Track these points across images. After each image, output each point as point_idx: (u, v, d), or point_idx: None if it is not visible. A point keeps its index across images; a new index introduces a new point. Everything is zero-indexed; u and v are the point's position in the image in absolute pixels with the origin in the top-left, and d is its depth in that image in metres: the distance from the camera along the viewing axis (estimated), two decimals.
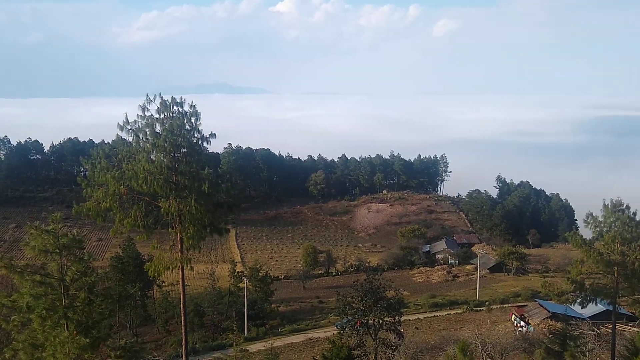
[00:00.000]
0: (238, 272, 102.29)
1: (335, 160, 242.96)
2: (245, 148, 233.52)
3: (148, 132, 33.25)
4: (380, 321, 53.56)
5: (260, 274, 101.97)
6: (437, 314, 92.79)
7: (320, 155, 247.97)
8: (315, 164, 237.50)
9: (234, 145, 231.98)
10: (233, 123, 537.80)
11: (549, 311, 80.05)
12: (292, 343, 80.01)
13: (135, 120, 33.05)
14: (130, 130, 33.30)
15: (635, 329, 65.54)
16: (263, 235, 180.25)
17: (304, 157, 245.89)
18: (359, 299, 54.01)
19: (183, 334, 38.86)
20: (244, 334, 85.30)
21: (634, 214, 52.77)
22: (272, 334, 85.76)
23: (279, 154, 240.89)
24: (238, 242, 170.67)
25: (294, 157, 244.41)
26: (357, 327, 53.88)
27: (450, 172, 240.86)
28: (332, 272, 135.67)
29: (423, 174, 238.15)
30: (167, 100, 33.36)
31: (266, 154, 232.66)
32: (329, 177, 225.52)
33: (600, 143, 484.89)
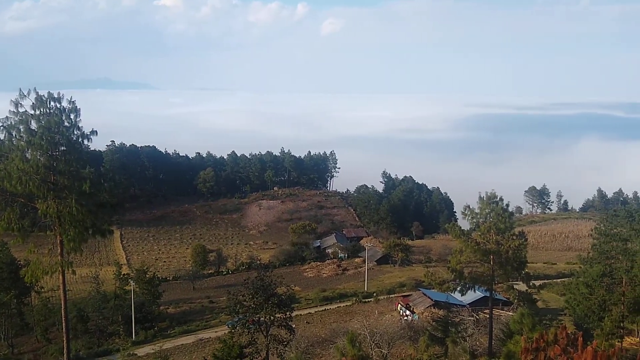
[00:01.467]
0: (124, 274, 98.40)
1: (225, 157, 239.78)
2: (130, 145, 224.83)
3: (22, 130, 31.35)
4: (272, 318, 53.78)
5: (147, 275, 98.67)
6: (327, 307, 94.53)
7: (209, 152, 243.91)
8: (204, 162, 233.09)
9: (117, 143, 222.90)
10: (117, 120, 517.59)
11: (432, 299, 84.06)
12: (182, 344, 78.42)
13: (7, 117, 30.98)
14: (2, 128, 31.19)
15: (510, 313, 70.26)
16: (150, 236, 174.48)
17: (192, 155, 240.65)
18: (250, 297, 53.86)
19: (65, 342, 37.07)
20: (132, 337, 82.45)
21: (507, 205, 56.70)
22: (161, 337, 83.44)
23: (166, 152, 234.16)
24: (123, 244, 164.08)
25: (181, 155, 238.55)
26: (248, 325, 53.78)
27: (339, 168, 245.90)
28: (222, 271, 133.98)
29: (313, 171, 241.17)
30: (43, 95, 31.56)
31: (152, 151, 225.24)
32: (219, 175, 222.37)
33: (479, 139, 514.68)
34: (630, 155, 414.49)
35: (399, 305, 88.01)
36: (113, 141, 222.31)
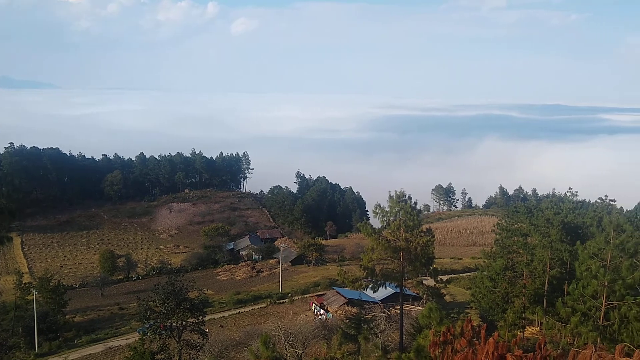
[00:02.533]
0: (25, 283, 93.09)
1: (133, 159, 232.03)
2: (31, 148, 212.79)
3: None
4: (184, 323, 52.67)
5: (51, 283, 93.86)
6: (241, 310, 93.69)
7: (116, 154, 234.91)
8: (111, 164, 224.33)
9: (16, 145, 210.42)
10: (17, 121, 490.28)
11: (345, 297, 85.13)
12: (90, 354, 75.18)
13: None
14: None
15: (420, 308, 72.27)
16: (54, 242, 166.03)
17: (98, 157, 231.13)
18: (161, 302, 52.48)
19: None
20: (34, 350, 78.09)
21: (415, 203, 58.16)
22: (67, 347, 79.57)
23: (70, 154, 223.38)
24: (24, 251, 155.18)
25: (87, 157, 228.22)
26: (159, 331, 52.34)
27: (253, 169, 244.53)
28: (132, 277, 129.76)
29: (226, 172, 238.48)
30: None
31: (55, 153, 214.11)
32: (127, 177, 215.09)
33: (388, 139, 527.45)
34: (527, 153, 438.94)
35: (314, 304, 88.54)
36: (12, 143, 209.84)
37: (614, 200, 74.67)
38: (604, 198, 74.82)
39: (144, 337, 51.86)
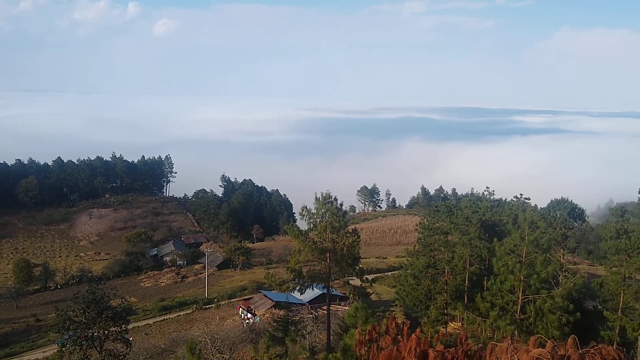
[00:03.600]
0: None
1: (50, 164, 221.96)
2: None
3: None
4: (106, 332, 50.98)
5: None
6: (167, 316, 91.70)
7: (31, 159, 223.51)
8: (25, 169, 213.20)
9: None
10: None
11: (272, 300, 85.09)
12: None
13: None
14: None
15: (346, 308, 73.16)
16: None
17: (11, 162, 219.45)
18: (81, 311, 50.56)
19: None
20: None
21: (341, 204, 58.87)
22: None
23: None
24: None
25: None
26: (80, 342, 50.41)
27: (176, 172, 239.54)
28: (50, 287, 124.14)
29: (148, 176, 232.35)
30: None
31: None
32: (43, 183, 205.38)
33: (313, 142, 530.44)
34: (447, 154, 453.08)
35: (241, 309, 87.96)
36: None
37: (529, 199, 78.26)
38: (519, 196, 78.27)
39: (63, 349, 49.87)
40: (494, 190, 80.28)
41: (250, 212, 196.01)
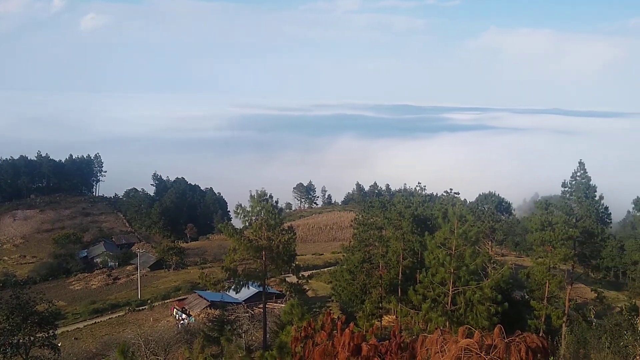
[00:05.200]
0: None
1: None
2: None
3: None
4: (32, 338, 48.98)
5: None
6: (98, 320, 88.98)
7: None
8: None
9: None
10: None
11: (207, 300, 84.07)
12: None
13: None
14: None
15: (282, 306, 73.27)
16: None
17: None
18: (5, 317, 48.35)
19: None
20: None
21: (277, 202, 58.94)
22: None
23: None
24: None
25: None
26: (4, 349, 48.22)
27: (106, 171, 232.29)
28: None
29: (76, 175, 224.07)
30: None
31: None
32: None
33: (248, 139, 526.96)
34: (381, 151, 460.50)
35: (175, 309, 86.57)
36: None
37: (458, 193, 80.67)
38: (449, 191, 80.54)
39: None
40: (425, 186, 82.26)
41: (183, 211, 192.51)
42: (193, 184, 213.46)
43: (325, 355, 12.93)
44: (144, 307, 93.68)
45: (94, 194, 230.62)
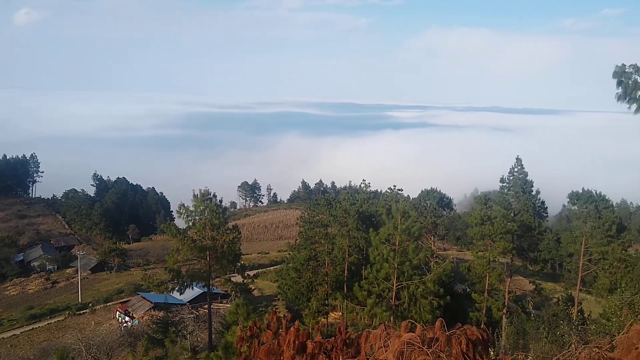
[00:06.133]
0: None
1: None
2: None
3: None
4: None
5: None
6: (36, 325, 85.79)
7: None
8: None
9: None
10: None
11: (151, 302, 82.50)
12: None
13: None
14: None
15: (228, 306, 72.67)
16: None
17: None
18: None
19: None
20: None
21: (221, 201, 58.43)
22: None
23: None
24: None
25: None
26: None
27: (43, 172, 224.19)
28: None
29: (10, 176, 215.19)
30: None
31: None
32: None
33: (191, 137, 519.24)
34: (325, 148, 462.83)
35: (118, 312, 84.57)
36: None
37: (401, 190, 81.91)
38: (392, 188, 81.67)
39: None
40: (370, 183, 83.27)
41: (125, 212, 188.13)
42: (135, 183, 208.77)
43: (271, 354, 12.91)
44: (85, 311, 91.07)
45: (31, 195, 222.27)
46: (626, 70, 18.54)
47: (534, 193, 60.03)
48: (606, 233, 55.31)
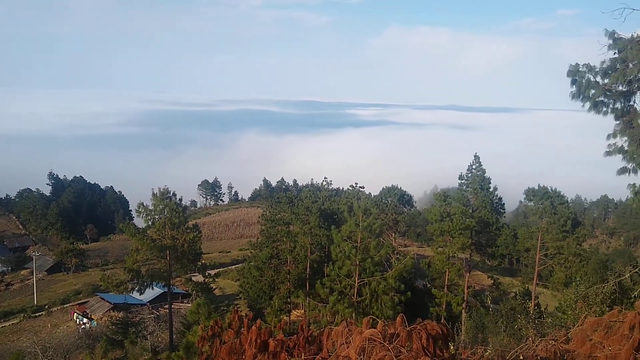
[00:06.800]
0: None
1: None
2: None
3: None
4: None
5: None
6: None
7: None
8: None
9: None
10: None
11: (110, 303, 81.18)
12: None
13: None
14: None
15: (189, 305, 71.93)
16: None
17: None
18: None
19: None
20: None
21: (181, 200, 57.75)
22: None
23: None
24: None
25: None
26: None
27: None
28: None
29: None
30: None
31: None
32: None
33: (150, 135, 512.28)
34: (287, 146, 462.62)
35: (75, 314, 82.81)
36: None
37: (363, 187, 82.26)
38: (354, 185, 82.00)
39: None
40: (331, 180, 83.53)
41: (82, 211, 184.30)
42: (92, 182, 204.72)
43: (233, 353, 12.85)
44: (41, 313, 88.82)
45: None
46: (580, 70, 19.04)
47: (491, 190, 61.05)
48: (561, 228, 56.62)
